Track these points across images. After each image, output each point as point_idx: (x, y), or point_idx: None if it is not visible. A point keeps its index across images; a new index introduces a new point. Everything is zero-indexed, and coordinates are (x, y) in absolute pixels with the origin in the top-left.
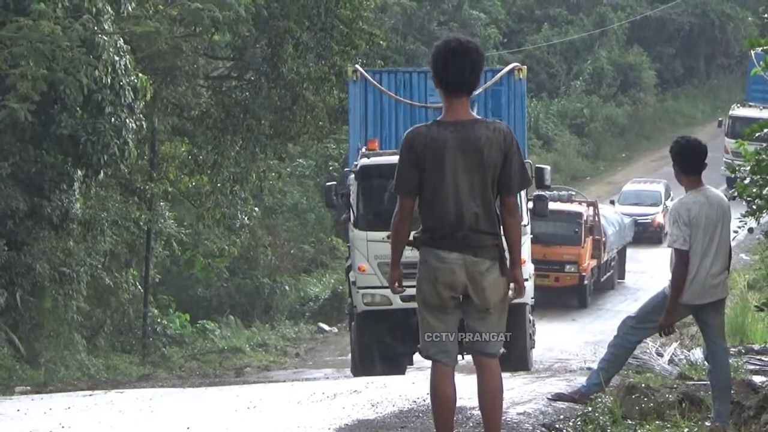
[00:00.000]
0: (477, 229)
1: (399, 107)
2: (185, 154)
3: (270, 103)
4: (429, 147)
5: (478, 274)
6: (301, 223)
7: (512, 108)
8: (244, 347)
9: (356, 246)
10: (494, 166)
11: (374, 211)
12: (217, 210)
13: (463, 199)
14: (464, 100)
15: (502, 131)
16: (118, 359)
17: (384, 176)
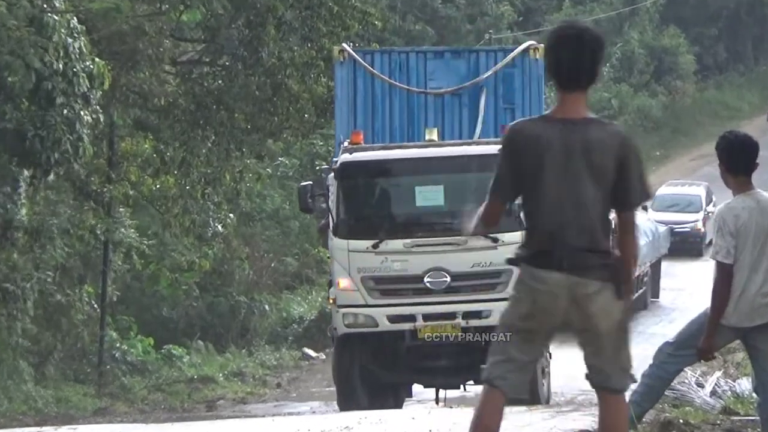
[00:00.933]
0: (583, 247)
1: (394, 93)
2: (149, 151)
3: (247, 93)
4: (530, 146)
5: (584, 298)
6: (283, 232)
7: (527, 93)
8: (216, 376)
9: (336, 257)
10: (607, 174)
11: (357, 216)
12: (185, 217)
13: (567, 210)
14: (578, 95)
15: (619, 135)
16: (71, 390)
17: (369, 175)
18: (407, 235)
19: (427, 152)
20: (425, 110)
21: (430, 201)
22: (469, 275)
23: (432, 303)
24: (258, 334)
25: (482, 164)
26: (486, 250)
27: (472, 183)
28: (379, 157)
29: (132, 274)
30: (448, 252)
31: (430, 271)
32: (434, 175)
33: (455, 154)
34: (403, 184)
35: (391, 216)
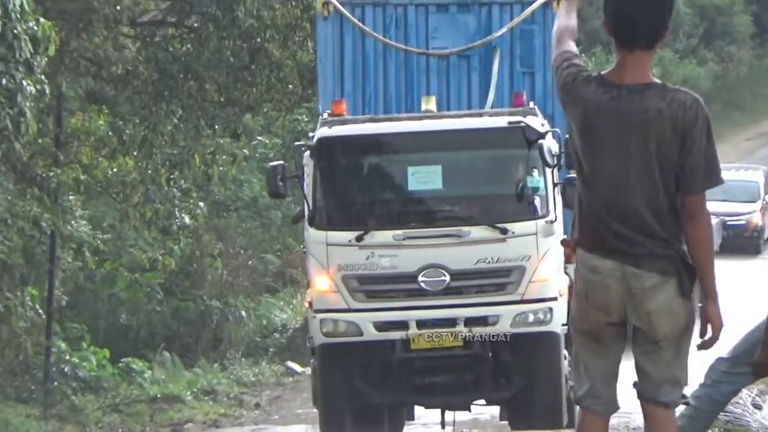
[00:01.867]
0: (640, 230)
1: (389, 55)
2: (104, 128)
3: (220, 60)
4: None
5: (640, 292)
6: (263, 224)
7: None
8: (184, 395)
9: (312, 252)
10: (667, 150)
11: (337, 203)
12: (147, 206)
13: (620, 188)
14: (640, 55)
15: (683, 105)
16: (11, 411)
17: (351, 153)
18: (398, 226)
19: (422, 125)
20: (426, 75)
21: (425, 184)
22: (472, 273)
23: (428, 307)
24: (233, 345)
25: (488, 139)
26: (493, 243)
27: (476, 162)
28: (364, 131)
29: (84, 274)
30: (447, 246)
31: (426, 269)
32: (431, 153)
33: (456, 128)
34: (394, 164)
35: (378, 202)
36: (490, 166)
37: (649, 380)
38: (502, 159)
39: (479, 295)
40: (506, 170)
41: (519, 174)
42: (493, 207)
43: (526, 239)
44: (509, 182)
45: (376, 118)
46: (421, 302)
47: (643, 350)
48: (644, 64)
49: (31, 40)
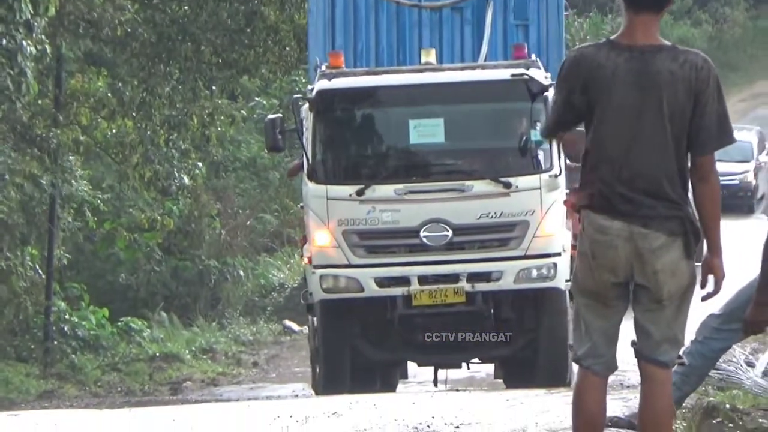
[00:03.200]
0: (649, 192)
1: (380, 7)
2: (103, 90)
3: (217, 22)
4: (594, 76)
5: (648, 252)
6: (261, 184)
7: (544, 6)
8: (182, 354)
9: (311, 207)
10: (679, 111)
11: (337, 157)
12: (146, 167)
13: (632, 150)
14: (649, 18)
15: (695, 66)
16: (11, 370)
17: (352, 106)
18: (399, 180)
19: (423, 78)
20: (419, 28)
21: (427, 137)
22: (475, 228)
23: (430, 262)
24: (231, 304)
25: (491, 92)
26: (496, 197)
27: (478, 115)
28: (365, 83)
29: (84, 234)
30: (449, 200)
31: (428, 224)
32: (432, 106)
33: (458, 81)
34: (394, 116)
35: (379, 156)
36: (492, 120)
37: (649, 339)
38: (505, 112)
39: (482, 251)
40: (509, 123)
41: (522, 127)
42: (496, 161)
43: (529, 193)
44: (512, 136)
45: (376, 71)
46: (423, 258)
47: (645, 309)
48: (653, 27)
49: (31, 1)
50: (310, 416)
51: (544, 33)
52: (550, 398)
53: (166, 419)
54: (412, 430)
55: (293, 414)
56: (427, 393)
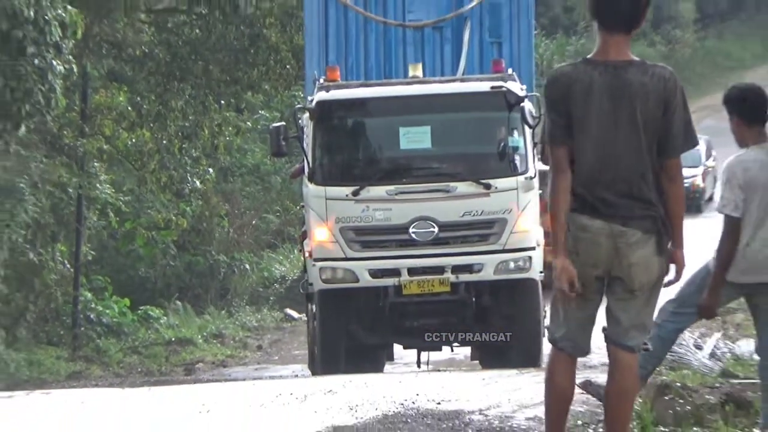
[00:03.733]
0: (625, 194)
1: (369, 26)
2: (123, 104)
3: (225, 44)
4: (575, 88)
5: (625, 246)
6: (264, 188)
7: (516, 27)
8: (195, 338)
9: (311, 206)
10: (650, 120)
11: (335, 160)
12: (162, 172)
13: (609, 156)
14: (621, 38)
15: (662, 77)
16: (43, 353)
17: (348, 115)
18: (390, 182)
19: (412, 90)
20: (403, 45)
21: (415, 143)
22: (458, 225)
23: (418, 256)
24: (238, 294)
25: (473, 102)
26: (478, 197)
27: (461, 123)
28: (359, 95)
29: (107, 232)
30: (435, 200)
31: (416, 221)
32: (420, 115)
33: (444, 92)
34: (386, 124)
35: (372, 160)
36: (474, 127)
37: (618, 326)
38: (485, 120)
39: (465, 245)
40: (489, 131)
41: (501, 134)
42: (478, 164)
43: (507, 194)
44: (492, 142)
45: (369, 83)
46: (412, 251)
47: (618, 298)
48: (624, 46)
49: (60, 25)
50: (309, 394)
51: (516, 50)
52: (521, 378)
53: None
54: (399, 406)
55: (293, 392)
56: (412, 373)
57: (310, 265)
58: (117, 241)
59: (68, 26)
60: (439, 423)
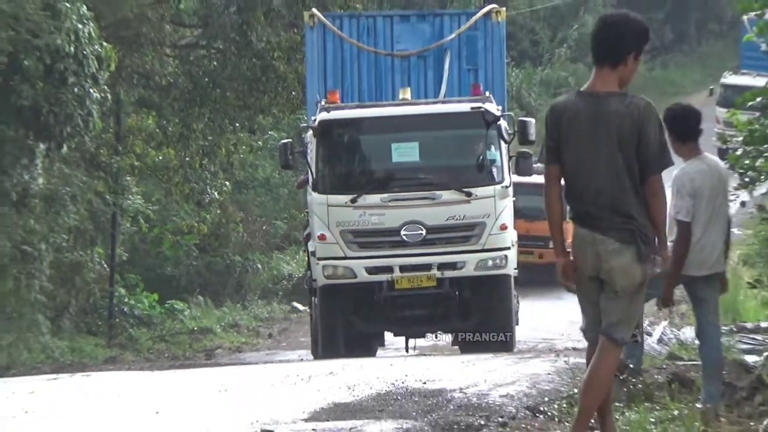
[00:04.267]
0: (604, 207)
1: (362, 56)
2: (152, 126)
3: (239, 74)
4: (564, 117)
5: (605, 253)
6: (273, 198)
7: (490, 55)
8: (214, 328)
9: (315, 212)
10: (626, 141)
11: (336, 172)
12: (185, 185)
13: (590, 174)
14: (605, 71)
15: (637, 106)
16: (84, 341)
17: (346, 132)
18: (384, 190)
19: (402, 110)
20: (392, 72)
21: (405, 157)
22: (443, 228)
23: (408, 255)
24: (251, 289)
25: (455, 121)
26: (460, 203)
27: (445, 139)
28: (356, 115)
29: (138, 237)
30: (423, 206)
31: (406, 224)
32: (409, 132)
33: (429, 112)
34: (380, 140)
35: (368, 172)
36: (457, 143)
37: (608, 319)
38: (466, 137)
39: (449, 245)
40: (470, 146)
41: (480, 149)
42: (460, 175)
43: (486, 201)
44: (472, 155)
45: (364, 105)
46: (403, 251)
47: (606, 296)
48: (610, 78)
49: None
50: (312, 375)
51: (491, 76)
52: (496, 361)
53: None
54: (390, 386)
55: (299, 373)
56: (401, 357)
57: (313, 263)
58: (147, 245)
59: (104, 60)
60: (424, 400)
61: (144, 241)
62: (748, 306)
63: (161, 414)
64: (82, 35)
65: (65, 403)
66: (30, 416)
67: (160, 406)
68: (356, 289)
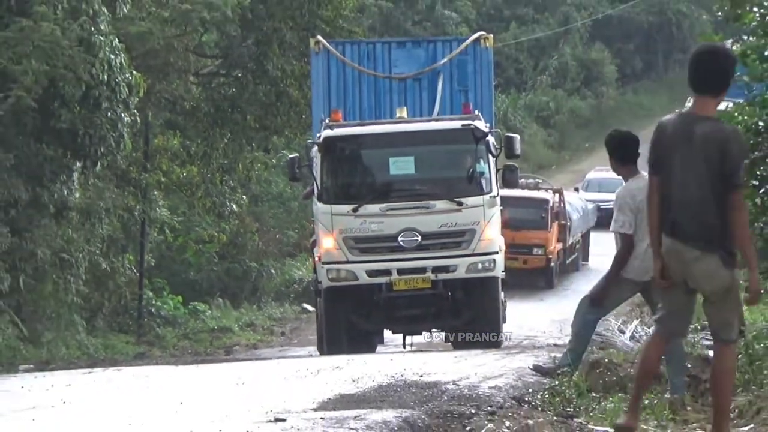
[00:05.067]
0: (687, 217)
1: (362, 78)
2: (177, 146)
3: (255, 99)
4: (662, 135)
5: (687, 262)
6: (285, 210)
7: (479, 78)
8: (233, 327)
9: (320, 220)
10: (714, 161)
11: (339, 184)
12: (207, 199)
13: (678, 186)
14: (707, 99)
15: (723, 131)
16: (116, 339)
17: (348, 147)
18: (383, 200)
19: (399, 127)
20: (390, 93)
21: (402, 170)
22: (437, 234)
23: (405, 259)
24: (266, 292)
25: (447, 137)
26: (452, 212)
27: (439, 153)
28: (357, 131)
29: (165, 245)
30: (418, 214)
31: (403, 231)
32: (406, 147)
33: (424, 129)
34: (379, 155)
35: (368, 183)
36: (449, 157)
37: (712, 325)
38: (457, 151)
39: (442, 250)
40: (461, 159)
41: (470, 162)
42: (452, 186)
43: (476, 209)
44: (463, 168)
45: (365, 122)
46: (400, 256)
47: (704, 301)
48: (709, 105)
49: (127, 86)
50: (321, 369)
51: (479, 96)
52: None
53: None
54: (390, 378)
55: (309, 368)
56: (401, 353)
57: (319, 267)
58: (172, 252)
59: (134, 87)
60: (421, 391)
61: (170, 249)
62: None
63: (185, 404)
64: (114, 65)
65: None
66: (67, 406)
67: (184, 397)
68: (358, 290)
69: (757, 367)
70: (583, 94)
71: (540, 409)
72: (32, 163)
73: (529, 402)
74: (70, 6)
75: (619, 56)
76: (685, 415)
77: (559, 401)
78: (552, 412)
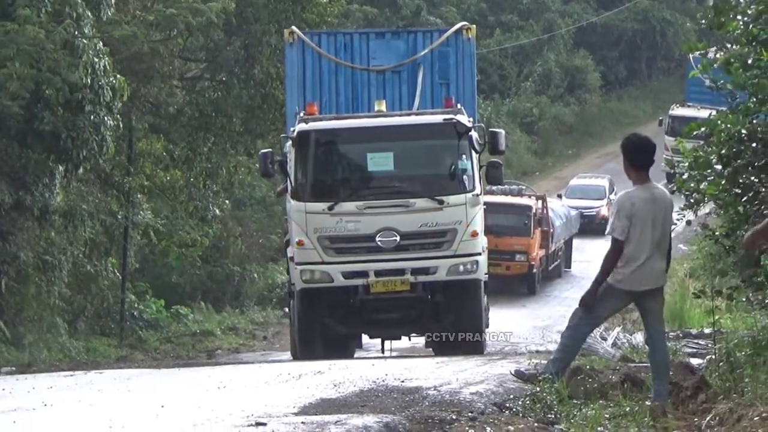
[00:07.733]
0: None
1: (339, 71)
2: (160, 150)
3: (240, 103)
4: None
5: None
6: (268, 214)
7: (461, 70)
8: (215, 331)
9: (294, 218)
10: None
11: (314, 181)
12: (190, 203)
13: None
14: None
15: None
16: (98, 342)
17: (324, 142)
18: (360, 198)
19: (377, 122)
20: (368, 86)
21: (380, 166)
22: (417, 234)
23: (383, 260)
24: (248, 296)
25: (428, 132)
26: (433, 211)
27: (419, 149)
28: (333, 126)
29: (148, 249)
30: (397, 213)
31: (381, 231)
32: (384, 143)
33: (404, 123)
34: (356, 150)
35: (344, 180)
36: (430, 153)
37: None
38: (439, 147)
39: (422, 251)
40: (442, 155)
41: (452, 158)
42: (433, 183)
43: (457, 208)
44: (444, 165)
45: (341, 116)
46: (378, 256)
47: None
48: None
49: (111, 90)
50: (303, 374)
51: (462, 89)
52: (466, 362)
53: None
54: (372, 383)
55: (290, 372)
56: (382, 358)
57: (292, 268)
58: (155, 256)
59: (117, 90)
60: (402, 396)
61: (153, 253)
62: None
63: (166, 407)
64: (98, 68)
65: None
66: (49, 409)
67: (165, 401)
68: (333, 292)
69: (738, 375)
70: (566, 100)
71: (521, 416)
72: (15, 165)
73: (510, 408)
74: (54, 9)
75: (602, 63)
76: (665, 422)
77: (540, 408)
78: (533, 418)
